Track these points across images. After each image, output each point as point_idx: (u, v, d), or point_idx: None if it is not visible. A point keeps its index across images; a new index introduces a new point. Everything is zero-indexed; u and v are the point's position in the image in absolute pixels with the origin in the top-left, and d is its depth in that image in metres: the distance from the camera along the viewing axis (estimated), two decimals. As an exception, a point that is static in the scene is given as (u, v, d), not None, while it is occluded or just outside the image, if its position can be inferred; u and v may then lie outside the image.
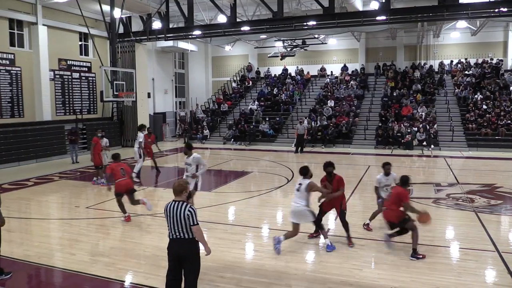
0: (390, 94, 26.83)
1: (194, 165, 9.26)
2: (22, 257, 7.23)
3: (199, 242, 5.10)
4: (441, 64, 29.11)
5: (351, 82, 28.93)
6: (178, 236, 5.03)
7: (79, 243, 8.01)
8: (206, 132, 26.75)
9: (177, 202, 5.06)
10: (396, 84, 27.86)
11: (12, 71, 19.30)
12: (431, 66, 29.37)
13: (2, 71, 18.86)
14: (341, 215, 7.90)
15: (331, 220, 9.45)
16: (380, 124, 23.58)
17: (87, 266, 6.86)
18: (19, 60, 19.61)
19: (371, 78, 29.81)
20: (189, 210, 4.97)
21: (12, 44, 19.48)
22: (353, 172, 15.57)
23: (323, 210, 7.98)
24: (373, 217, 8.82)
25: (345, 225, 7.86)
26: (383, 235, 7.67)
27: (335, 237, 8.20)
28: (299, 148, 21.54)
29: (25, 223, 9.46)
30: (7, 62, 19.10)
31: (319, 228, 7.81)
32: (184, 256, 5.03)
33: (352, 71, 30.68)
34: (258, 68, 33.79)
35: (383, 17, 18.95)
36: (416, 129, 22.54)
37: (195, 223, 4.99)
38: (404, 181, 7.44)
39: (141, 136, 14.23)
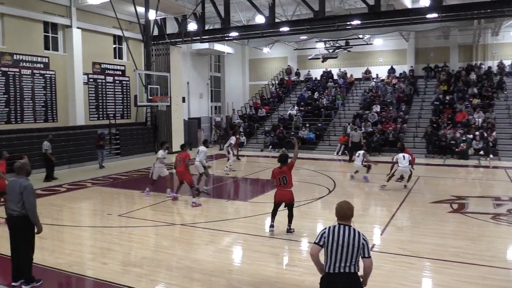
0: (442, 99, 26.09)
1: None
2: (53, 265, 7.47)
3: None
4: (501, 65, 28.04)
5: (400, 85, 28.36)
6: (345, 270, 4.32)
7: (110, 252, 8.20)
8: (243, 138, 26.87)
9: (346, 227, 4.43)
10: (449, 87, 27.07)
11: (46, 75, 20.14)
12: (489, 67, 28.35)
13: (36, 74, 19.72)
14: (291, 206, 9.24)
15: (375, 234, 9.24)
16: (430, 131, 22.91)
17: (118, 276, 7.00)
18: (53, 63, 20.45)
19: (421, 81, 29.11)
20: (364, 239, 4.39)
21: (46, 47, 20.36)
22: (401, 183, 15.17)
23: (276, 203, 9.23)
24: None
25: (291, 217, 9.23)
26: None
27: (381, 253, 8.01)
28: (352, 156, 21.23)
29: (57, 230, 9.78)
30: (42, 65, 19.96)
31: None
32: None
33: (400, 74, 30.09)
34: (297, 69, 33.69)
35: (435, 15, 18.48)
36: (471, 136, 21.78)
37: (369, 255, 4.38)
38: None
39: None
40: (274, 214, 9.30)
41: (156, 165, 13.16)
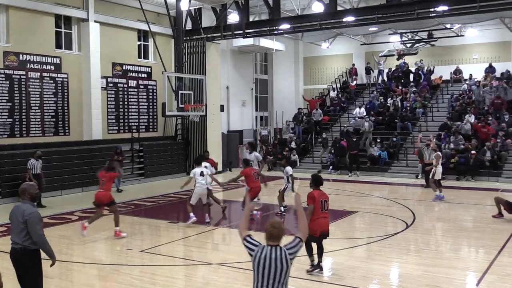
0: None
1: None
2: (60, 310, 7.62)
3: None
4: None
5: (503, 86, 27.36)
6: None
7: (129, 296, 8.28)
8: (295, 157, 26.75)
9: (274, 248, 5.10)
10: None
11: (57, 79, 20.97)
12: None
13: (46, 78, 20.57)
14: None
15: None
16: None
17: (138, 327, 7.04)
18: (66, 65, 21.27)
19: (530, 83, 28.11)
20: (290, 254, 5.09)
21: (58, 45, 21.23)
22: (505, 217, 14.55)
23: (318, 235, 9.17)
24: None
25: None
26: None
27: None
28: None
29: (65, 267, 10.00)
30: (52, 67, 20.80)
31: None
32: None
33: (502, 73, 29.17)
34: (368, 64, 33.25)
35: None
36: None
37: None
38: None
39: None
40: (312, 251, 9.26)
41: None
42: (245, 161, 15.28)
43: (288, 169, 15.57)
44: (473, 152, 22.28)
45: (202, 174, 13.30)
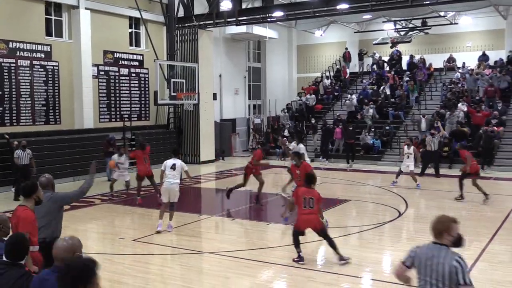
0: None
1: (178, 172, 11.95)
2: (53, 299, 7.64)
3: None
4: None
5: (497, 75, 27.42)
6: None
7: (122, 285, 8.33)
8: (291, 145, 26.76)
9: (437, 247, 4.64)
10: None
11: (48, 67, 20.82)
12: None
13: (36, 66, 20.40)
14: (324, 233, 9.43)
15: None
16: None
17: (131, 316, 7.09)
18: (57, 52, 21.10)
19: (524, 71, 28.18)
20: (457, 261, 4.50)
21: (48, 33, 21.05)
22: (497, 205, 14.69)
23: (300, 230, 9.43)
24: None
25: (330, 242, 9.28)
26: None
27: None
28: (434, 169, 20.66)
29: (58, 257, 10.03)
30: (42, 55, 20.65)
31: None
32: None
33: (495, 62, 29.24)
34: (363, 50, 33.08)
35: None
36: None
37: (467, 282, 4.44)
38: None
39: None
40: (298, 242, 9.44)
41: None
42: (297, 154, 13.38)
43: (301, 146, 16.10)
44: (496, 128, 22.60)
45: (173, 167, 11.86)
